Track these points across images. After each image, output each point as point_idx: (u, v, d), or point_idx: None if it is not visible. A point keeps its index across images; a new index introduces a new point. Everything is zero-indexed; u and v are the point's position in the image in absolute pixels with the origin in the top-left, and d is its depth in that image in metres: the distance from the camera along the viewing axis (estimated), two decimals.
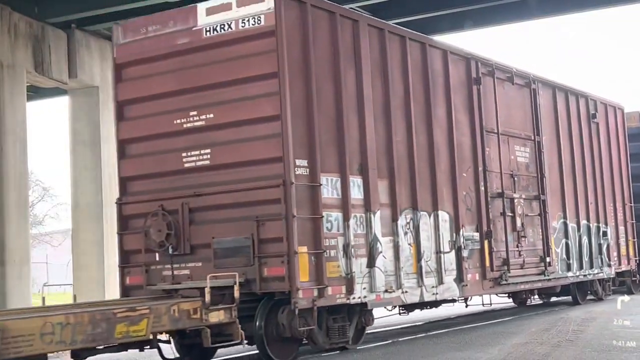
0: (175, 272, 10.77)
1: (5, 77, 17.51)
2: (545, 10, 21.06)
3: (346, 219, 11.00)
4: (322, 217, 10.56)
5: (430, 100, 13.01)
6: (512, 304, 18.74)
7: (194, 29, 10.93)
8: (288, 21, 10.43)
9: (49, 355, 7.68)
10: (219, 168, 10.68)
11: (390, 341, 12.36)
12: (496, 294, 15.94)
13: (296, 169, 10.30)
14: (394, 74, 12.27)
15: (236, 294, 9.29)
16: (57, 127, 74.47)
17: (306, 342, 10.96)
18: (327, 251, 10.58)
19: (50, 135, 76.41)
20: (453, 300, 14.53)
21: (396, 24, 16.05)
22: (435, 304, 13.93)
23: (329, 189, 10.81)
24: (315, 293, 10.35)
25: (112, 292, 18.76)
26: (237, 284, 9.40)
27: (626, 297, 17.08)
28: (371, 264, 11.34)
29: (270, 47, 10.31)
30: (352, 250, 11.00)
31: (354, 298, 11.01)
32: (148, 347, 9.27)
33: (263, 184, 10.25)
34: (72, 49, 19.21)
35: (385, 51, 12.13)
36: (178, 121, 10.98)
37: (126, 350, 9.15)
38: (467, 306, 16.06)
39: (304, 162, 10.45)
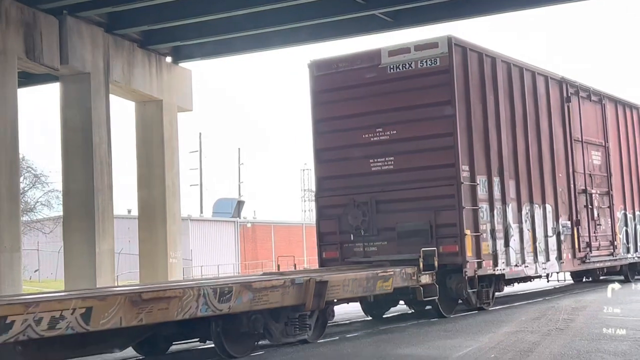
0: (366, 249, 14.35)
1: None
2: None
3: (491, 209, 14.62)
4: (479, 208, 14.16)
5: (539, 117, 16.62)
6: (571, 280, 22.36)
7: (379, 66, 14.47)
8: (456, 61, 14.00)
9: None
10: (401, 171, 14.24)
11: (382, 327, 12.86)
12: (570, 272, 19.65)
13: (462, 172, 13.87)
14: (516, 97, 15.86)
15: (435, 263, 12.85)
16: (51, 113, 76.00)
17: (461, 302, 14.52)
18: (482, 234, 14.18)
19: (45, 122, 77.51)
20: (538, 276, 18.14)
21: (391, 12, 18.72)
22: (529, 278, 17.50)
23: (481, 187, 14.40)
24: (476, 265, 13.96)
25: (104, 279, 19.10)
26: (437, 256, 12.96)
27: (617, 285, 18.37)
28: (507, 244, 14.96)
29: (445, 81, 13.88)
30: (496, 233, 14.61)
31: (497, 270, 14.62)
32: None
33: (440, 184, 13.83)
34: (63, 35, 18.65)
35: (510, 80, 15.72)
36: (366, 135, 14.54)
37: (347, 303, 12.73)
38: (548, 281, 19.69)
39: (467, 167, 14.05)
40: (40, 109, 71.18)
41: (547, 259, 16.41)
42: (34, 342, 7.55)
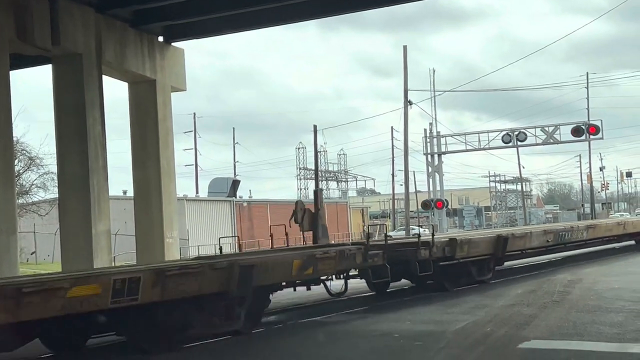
0: None
1: None
2: None
3: None
4: None
5: None
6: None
7: None
8: None
9: None
10: None
11: (381, 302, 12.98)
12: None
13: None
14: None
15: None
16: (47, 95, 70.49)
17: None
18: None
19: (42, 103, 72.78)
20: None
21: None
22: None
23: None
24: None
25: (101, 259, 18.97)
26: None
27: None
28: None
29: None
30: None
31: None
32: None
33: None
34: (54, 16, 18.14)
35: None
36: None
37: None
38: None
39: None
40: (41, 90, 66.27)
41: None
42: None
